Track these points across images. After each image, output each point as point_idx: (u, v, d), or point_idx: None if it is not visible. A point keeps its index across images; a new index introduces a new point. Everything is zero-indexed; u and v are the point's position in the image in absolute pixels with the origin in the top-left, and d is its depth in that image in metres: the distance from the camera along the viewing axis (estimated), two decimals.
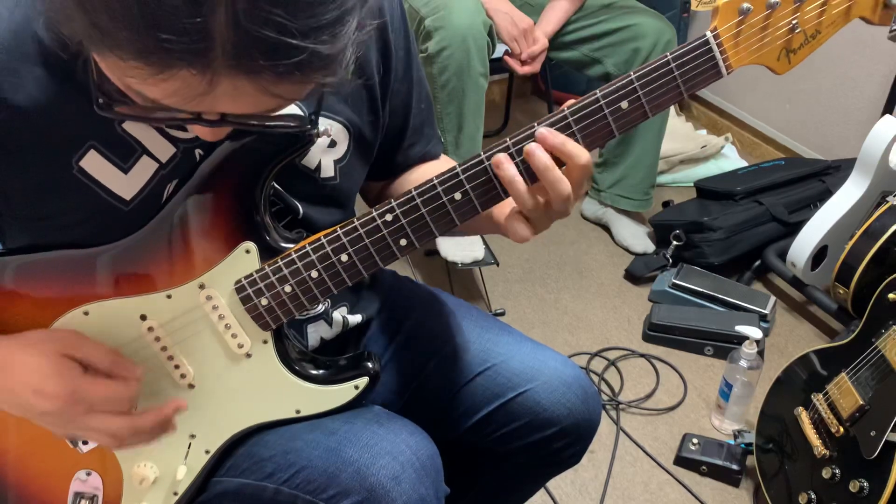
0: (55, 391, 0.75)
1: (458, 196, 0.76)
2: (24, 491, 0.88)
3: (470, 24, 1.87)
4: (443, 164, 1.03)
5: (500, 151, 0.74)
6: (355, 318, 0.99)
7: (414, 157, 1.00)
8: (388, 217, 0.77)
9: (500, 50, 2.08)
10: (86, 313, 0.81)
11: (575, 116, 0.73)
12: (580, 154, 0.73)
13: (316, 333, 0.94)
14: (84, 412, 0.76)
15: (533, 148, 0.73)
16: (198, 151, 0.78)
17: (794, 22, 0.72)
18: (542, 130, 0.73)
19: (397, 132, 0.96)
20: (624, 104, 0.73)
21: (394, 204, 0.76)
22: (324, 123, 0.85)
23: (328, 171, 0.88)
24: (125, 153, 0.76)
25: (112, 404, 0.77)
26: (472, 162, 0.75)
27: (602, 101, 0.73)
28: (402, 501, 0.79)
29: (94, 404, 0.76)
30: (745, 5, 0.70)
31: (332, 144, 0.87)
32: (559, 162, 0.74)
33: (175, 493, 0.87)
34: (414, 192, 0.76)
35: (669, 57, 0.72)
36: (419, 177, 0.99)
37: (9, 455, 0.87)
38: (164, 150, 0.77)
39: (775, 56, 0.74)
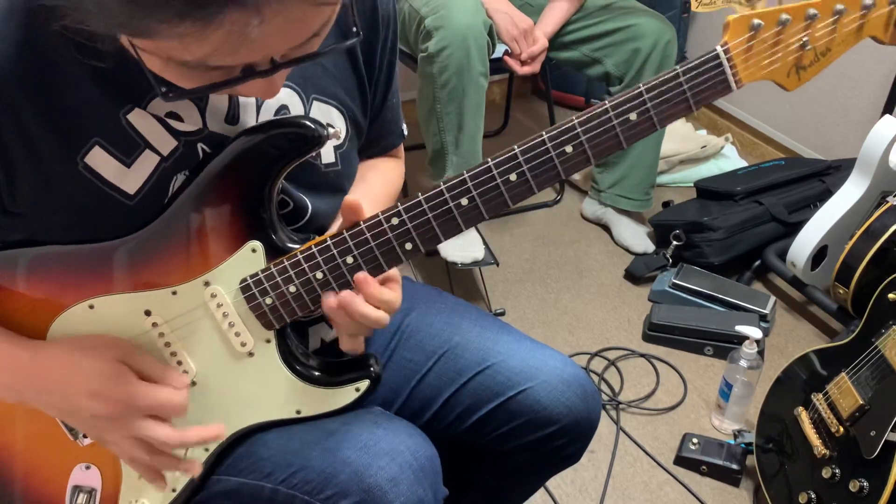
0: (114, 394, 0.76)
1: (464, 202, 0.77)
2: (24, 483, 0.88)
3: (470, 23, 1.87)
4: (394, 163, 1.07)
5: (506, 160, 0.75)
6: None
7: (377, 150, 1.03)
8: (395, 221, 0.78)
9: (500, 50, 2.08)
10: (91, 307, 0.81)
11: (584, 127, 0.74)
12: (395, 301, 0.79)
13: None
14: (138, 417, 0.77)
15: (349, 297, 0.77)
16: (200, 146, 0.78)
17: (804, 39, 0.72)
18: (360, 277, 0.77)
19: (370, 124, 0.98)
20: (633, 116, 0.73)
21: (400, 208, 0.77)
22: (326, 117, 0.86)
23: (329, 156, 0.89)
24: (128, 148, 0.76)
25: (165, 411, 0.78)
26: (480, 169, 0.76)
27: (611, 112, 0.73)
28: (400, 503, 0.79)
29: (150, 410, 0.77)
30: (757, 21, 0.70)
31: None
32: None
33: (173, 490, 0.87)
34: (421, 198, 0.77)
35: (679, 70, 0.72)
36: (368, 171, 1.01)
37: (11, 448, 0.88)
38: (166, 144, 0.77)
39: (785, 72, 0.74)
